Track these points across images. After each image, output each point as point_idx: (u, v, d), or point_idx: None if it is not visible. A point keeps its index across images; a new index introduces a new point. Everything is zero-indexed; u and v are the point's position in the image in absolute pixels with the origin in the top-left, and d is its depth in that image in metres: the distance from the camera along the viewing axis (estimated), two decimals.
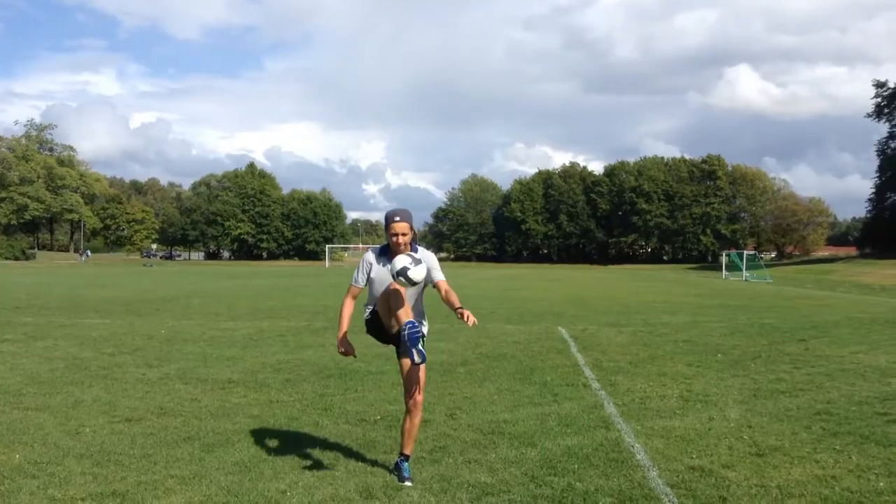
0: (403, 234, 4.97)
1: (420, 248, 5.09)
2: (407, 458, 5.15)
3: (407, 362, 5.00)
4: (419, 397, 5.06)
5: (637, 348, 11.89)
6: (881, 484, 4.98)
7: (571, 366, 10.03)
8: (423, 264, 4.82)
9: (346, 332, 5.27)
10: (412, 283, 4.79)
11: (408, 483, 4.92)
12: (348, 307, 5.27)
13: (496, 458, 5.56)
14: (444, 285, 5.08)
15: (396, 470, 5.12)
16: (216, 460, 5.47)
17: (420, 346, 4.65)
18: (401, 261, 4.77)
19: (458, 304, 4.91)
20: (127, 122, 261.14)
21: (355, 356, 5.20)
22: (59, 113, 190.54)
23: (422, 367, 4.99)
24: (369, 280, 5.16)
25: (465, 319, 4.70)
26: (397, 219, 4.96)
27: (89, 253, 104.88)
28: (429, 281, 5.05)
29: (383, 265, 5.08)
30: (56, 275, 47.50)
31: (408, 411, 5.12)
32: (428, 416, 6.94)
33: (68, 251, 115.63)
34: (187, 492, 4.77)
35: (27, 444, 5.89)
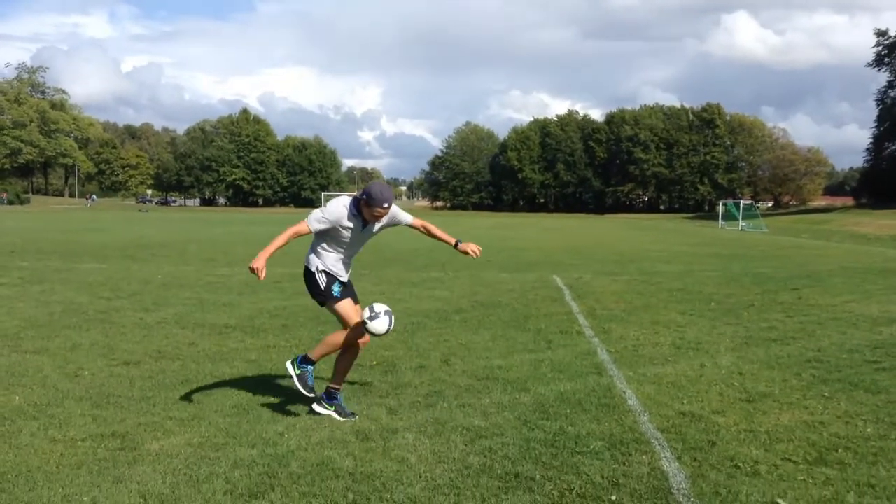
0: (384, 216, 5.05)
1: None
2: (339, 391, 5.31)
3: (358, 309, 5.26)
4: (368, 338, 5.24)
5: (631, 296, 11.96)
6: (868, 430, 5.08)
7: (566, 314, 10.10)
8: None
9: (270, 255, 4.94)
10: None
11: (345, 418, 5.11)
12: (285, 238, 4.97)
13: (490, 402, 5.64)
14: (418, 222, 5.37)
15: (329, 401, 5.22)
16: (214, 403, 5.55)
17: None
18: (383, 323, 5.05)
19: (451, 239, 5.36)
20: (119, 65, 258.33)
21: (262, 280, 4.99)
22: (49, 56, 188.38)
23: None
24: (330, 228, 5.04)
25: (471, 253, 5.31)
26: (385, 205, 4.92)
27: (94, 197, 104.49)
28: (396, 224, 5.23)
29: (353, 224, 5.04)
30: (51, 219, 47.36)
31: (353, 351, 5.27)
32: (423, 361, 7.03)
33: (63, 196, 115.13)
34: (186, 433, 4.85)
35: (27, 386, 5.96)
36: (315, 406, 5.23)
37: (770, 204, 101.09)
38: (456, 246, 5.32)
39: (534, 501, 3.87)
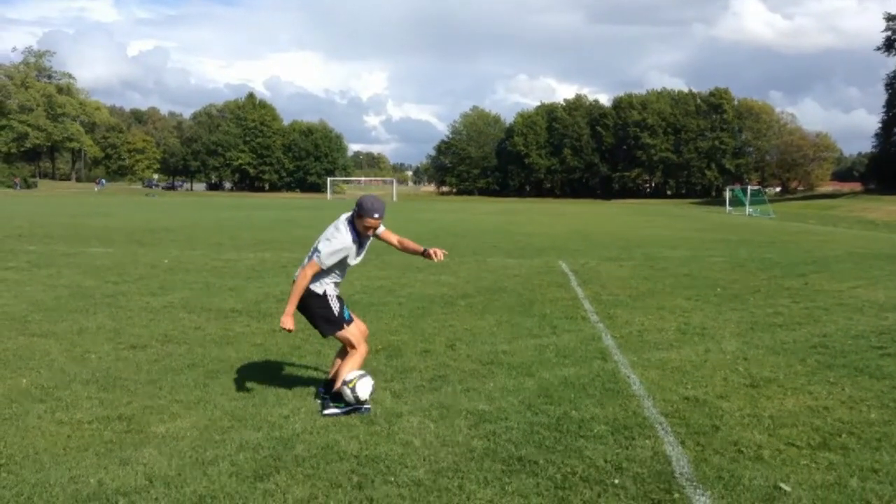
0: (376, 228, 5.07)
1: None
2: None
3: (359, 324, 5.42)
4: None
5: (637, 282, 11.95)
6: (872, 415, 5.08)
7: (571, 299, 10.10)
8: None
9: (294, 308, 5.11)
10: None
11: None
12: (303, 286, 5.06)
13: (494, 387, 5.66)
14: (394, 237, 5.31)
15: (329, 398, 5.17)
16: (220, 386, 5.58)
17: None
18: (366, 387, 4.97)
19: (421, 247, 5.29)
20: (125, 49, 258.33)
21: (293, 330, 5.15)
22: (56, 40, 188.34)
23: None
24: (339, 262, 5.08)
25: (434, 257, 5.21)
26: (376, 216, 4.95)
27: (104, 181, 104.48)
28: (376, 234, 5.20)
29: (356, 246, 5.05)
30: (59, 204, 47.44)
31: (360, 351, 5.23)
32: (428, 346, 7.05)
33: (70, 180, 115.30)
34: (192, 416, 4.88)
35: (34, 369, 6.00)
36: (326, 411, 5.02)
37: (778, 189, 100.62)
38: (424, 253, 5.32)
39: (537, 485, 3.89)
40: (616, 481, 3.93)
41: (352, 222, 5.05)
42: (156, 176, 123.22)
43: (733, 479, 3.96)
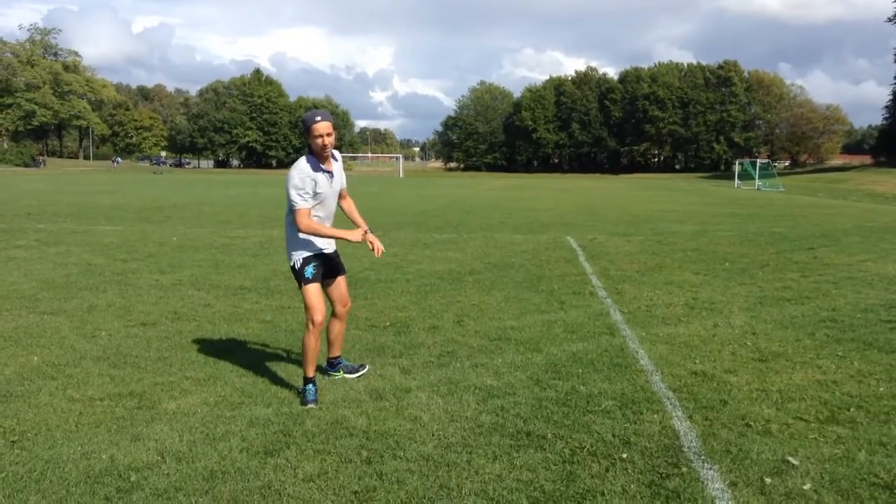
0: (328, 135, 4.60)
1: (335, 153, 4.93)
2: (339, 358, 5.39)
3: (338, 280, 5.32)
4: (349, 304, 5.38)
5: (645, 257, 11.93)
6: (881, 389, 5.07)
7: (579, 275, 10.09)
8: None
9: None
10: None
11: (356, 373, 5.31)
12: (314, 224, 4.94)
13: (502, 362, 5.68)
14: (347, 199, 5.36)
15: (333, 370, 5.35)
16: (230, 363, 5.61)
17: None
18: None
19: (364, 225, 5.29)
20: (129, 26, 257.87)
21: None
22: (60, 17, 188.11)
23: (343, 279, 5.34)
24: (314, 197, 4.82)
25: (373, 249, 5.25)
26: (318, 119, 4.57)
27: (119, 160, 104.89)
28: (341, 182, 5.14)
29: (321, 176, 4.76)
30: (67, 181, 47.53)
31: (339, 318, 5.30)
32: (436, 322, 7.06)
33: (77, 158, 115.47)
34: (202, 392, 4.91)
35: (45, 346, 6.04)
36: (348, 375, 5.31)
37: (787, 163, 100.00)
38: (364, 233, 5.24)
39: (545, 459, 3.90)
40: (624, 455, 3.95)
41: (310, 153, 4.76)
42: (163, 153, 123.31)
43: (741, 453, 3.97)
